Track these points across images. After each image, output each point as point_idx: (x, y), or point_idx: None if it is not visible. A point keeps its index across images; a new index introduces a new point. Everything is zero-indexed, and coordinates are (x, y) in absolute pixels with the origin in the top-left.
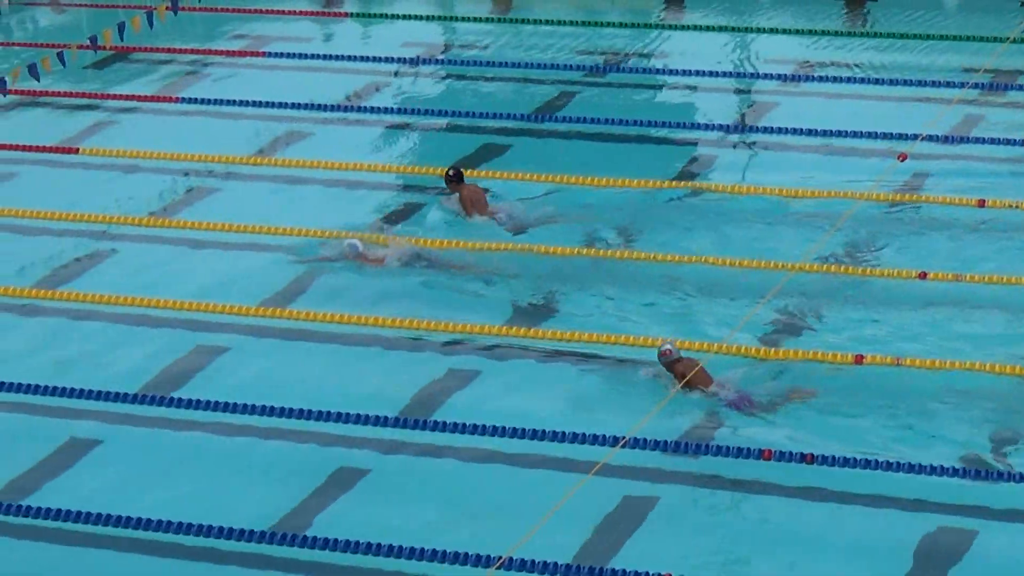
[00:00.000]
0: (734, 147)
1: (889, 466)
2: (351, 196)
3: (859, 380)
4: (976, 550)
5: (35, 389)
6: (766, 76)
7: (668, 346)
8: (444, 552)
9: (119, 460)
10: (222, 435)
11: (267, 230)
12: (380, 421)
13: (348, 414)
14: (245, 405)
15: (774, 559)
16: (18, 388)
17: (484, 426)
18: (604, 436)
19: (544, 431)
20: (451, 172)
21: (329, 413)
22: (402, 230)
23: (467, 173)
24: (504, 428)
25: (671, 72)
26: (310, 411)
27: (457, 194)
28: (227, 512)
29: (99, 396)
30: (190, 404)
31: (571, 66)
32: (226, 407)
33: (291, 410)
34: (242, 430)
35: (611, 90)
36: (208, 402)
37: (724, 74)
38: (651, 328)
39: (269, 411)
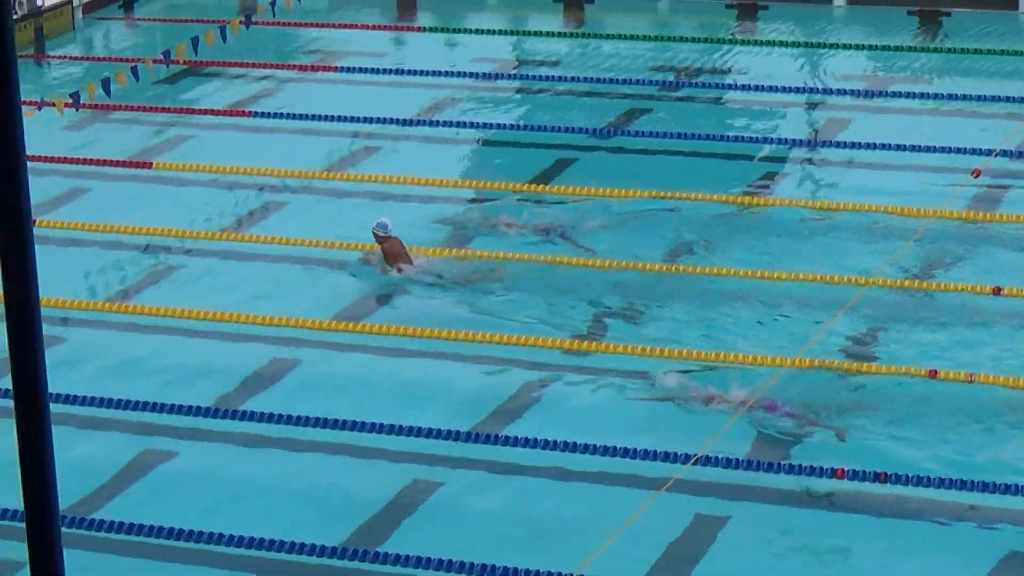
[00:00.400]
0: (806, 163)
1: (963, 485)
2: (422, 211)
3: (932, 395)
4: None
5: (108, 403)
6: (839, 91)
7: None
8: (515, 569)
9: (192, 474)
10: (294, 450)
11: (339, 245)
12: (451, 436)
13: (420, 428)
14: (317, 419)
15: None
16: (91, 401)
17: (554, 442)
18: (675, 453)
19: (615, 447)
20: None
21: (400, 427)
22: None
23: (539, 188)
24: (575, 444)
25: (743, 87)
26: (381, 425)
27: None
28: (299, 527)
29: (172, 410)
30: (262, 418)
31: (643, 81)
32: (298, 420)
33: (363, 424)
34: (314, 445)
35: (683, 105)
36: (280, 415)
37: (796, 89)
38: (721, 343)
39: (341, 425)
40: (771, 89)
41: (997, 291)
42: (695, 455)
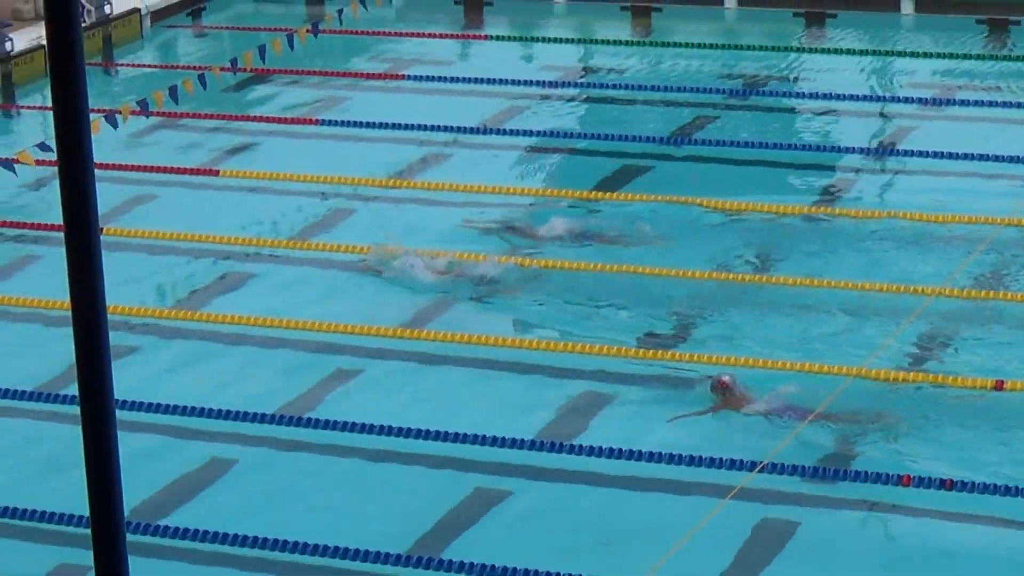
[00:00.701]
0: (874, 171)
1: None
2: (487, 217)
3: (999, 406)
4: None
5: (174, 409)
6: (907, 99)
7: (727, 378)
8: None
9: (255, 480)
10: (358, 457)
11: (404, 252)
12: (516, 444)
13: (484, 436)
14: (382, 426)
15: None
16: (157, 408)
17: (620, 450)
18: (741, 460)
19: (680, 455)
20: None
21: (466, 435)
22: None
23: (606, 196)
24: (640, 452)
25: (811, 95)
26: (447, 433)
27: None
28: (363, 534)
29: (236, 416)
30: (326, 425)
31: (710, 89)
32: (363, 428)
33: (428, 432)
34: (378, 453)
35: (751, 113)
36: (344, 423)
37: (864, 97)
38: (784, 352)
39: (406, 432)
40: (839, 97)
41: None
42: (761, 462)
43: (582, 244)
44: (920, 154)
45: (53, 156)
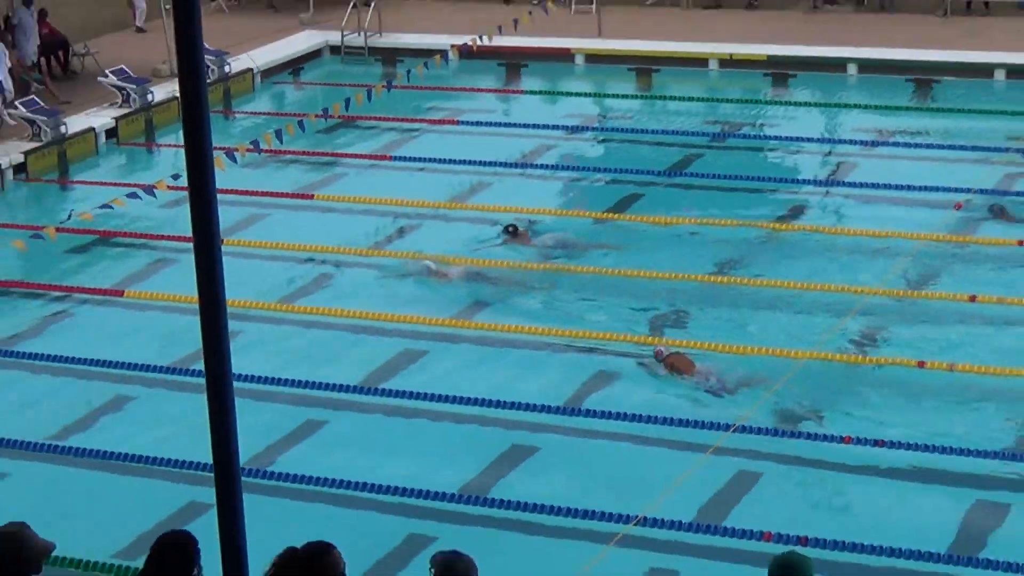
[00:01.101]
0: (824, 196)
1: (940, 450)
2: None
3: (920, 381)
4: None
5: (276, 380)
6: (850, 142)
7: (660, 348)
8: (593, 511)
9: (343, 438)
10: (424, 418)
11: (459, 260)
12: (546, 409)
13: (522, 403)
14: (443, 395)
15: (846, 526)
16: (263, 380)
17: (625, 414)
18: (719, 423)
19: (671, 418)
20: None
21: (507, 402)
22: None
23: (613, 216)
24: (639, 415)
25: (775, 138)
26: (490, 400)
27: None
28: (432, 478)
29: (327, 387)
30: (400, 394)
31: (697, 132)
32: (428, 396)
33: (480, 399)
34: (440, 415)
35: (728, 152)
36: (414, 392)
37: (817, 140)
38: (745, 338)
39: (463, 400)
40: (797, 139)
41: (972, 299)
42: (734, 424)
43: (591, 252)
44: (860, 184)
45: (184, 183)
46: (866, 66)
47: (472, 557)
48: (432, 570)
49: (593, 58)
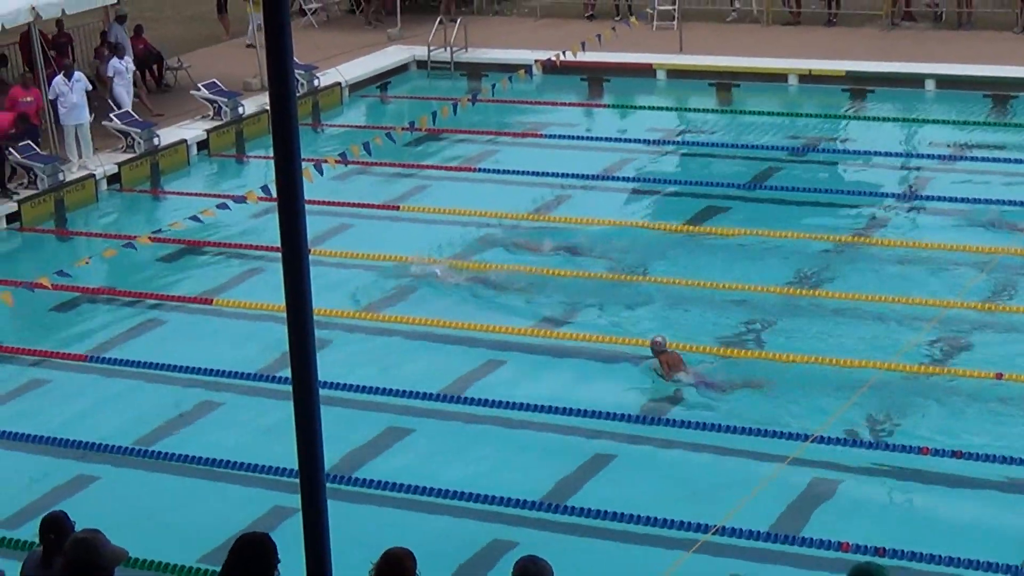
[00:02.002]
0: (900, 210)
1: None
2: (604, 245)
3: (999, 393)
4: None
5: (361, 388)
6: (928, 156)
7: (659, 338)
8: (671, 520)
9: (426, 445)
10: (505, 426)
11: (544, 271)
12: (627, 418)
13: (601, 412)
14: (523, 403)
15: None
16: (348, 387)
17: (704, 423)
18: (797, 433)
19: (749, 428)
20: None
21: (587, 411)
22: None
23: (692, 229)
24: (718, 425)
25: (854, 152)
26: (570, 408)
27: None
28: (508, 485)
29: (411, 395)
30: (483, 402)
31: (776, 147)
32: (508, 404)
33: (561, 408)
34: (521, 422)
35: (807, 166)
36: (496, 400)
37: (895, 154)
38: (825, 349)
39: (544, 408)
40: (875, 154)
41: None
42: (811, 435)
43: (670, 264)
44: (938, 199)
45: (274, 194)
46: (944, 81)
47: (548, 562)
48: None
49: (674, 73)
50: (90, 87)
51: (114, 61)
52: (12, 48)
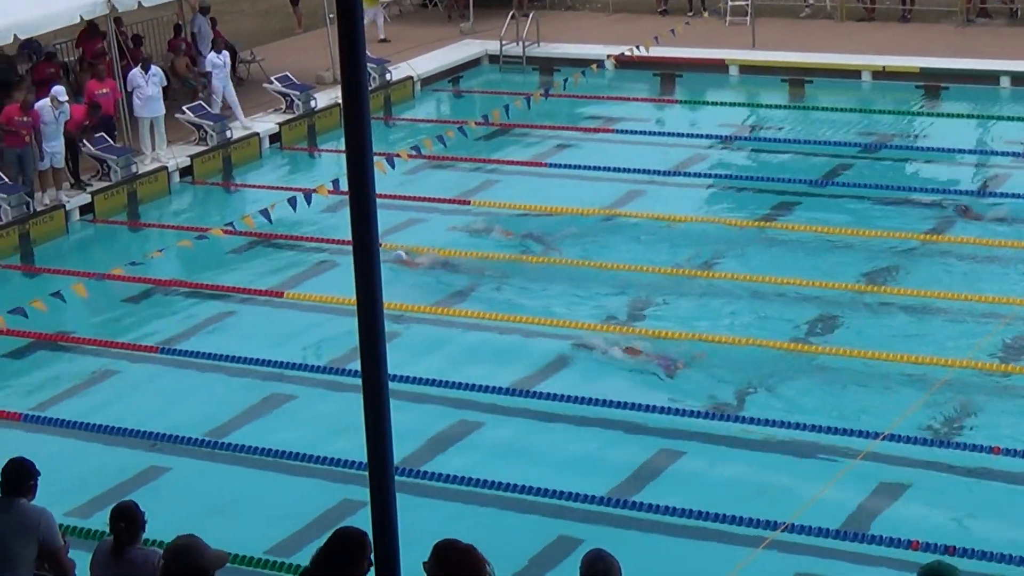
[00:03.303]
0: (974, 207)
1: None
2: (673, 239)
3: None
4: None
5: (430, 382)
6: (1001, 153)
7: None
8: (741, 517)
9: (495, 439)
10: (574, 422)
11: (611, 266)
12: (696, 414)
13: (671, 408)
14: (593, 399)
15: (994, 536)
16: (418, 380)
17: (774, 420)
18: (867, 431)
19: (820, 425)
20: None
21: (657, 407)
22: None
23: (764, 224)
24: (788, 422)
25: (928, 150)
26: (640, 404)
27: None
28: (575, 480)
29: (481, 389)
30: (552, 397)
31: (849, 143)
32: (578, 400)
33: (627, 403)
34: (590, 419)
35: (880, 163)
36: (566, 395)
37: (969, 152)
38: (898, 344)
39: (613, 404)
40: (949, 151)
41: None
42: (882, 433)
43: (741, 259)
44: (1012, 196)
45: (345, 188)
46: (1019, 79)
47: (615, 558)
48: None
49: (747, 69)
50: (166, 82)
51: (212, 55)
52: (65, 46)
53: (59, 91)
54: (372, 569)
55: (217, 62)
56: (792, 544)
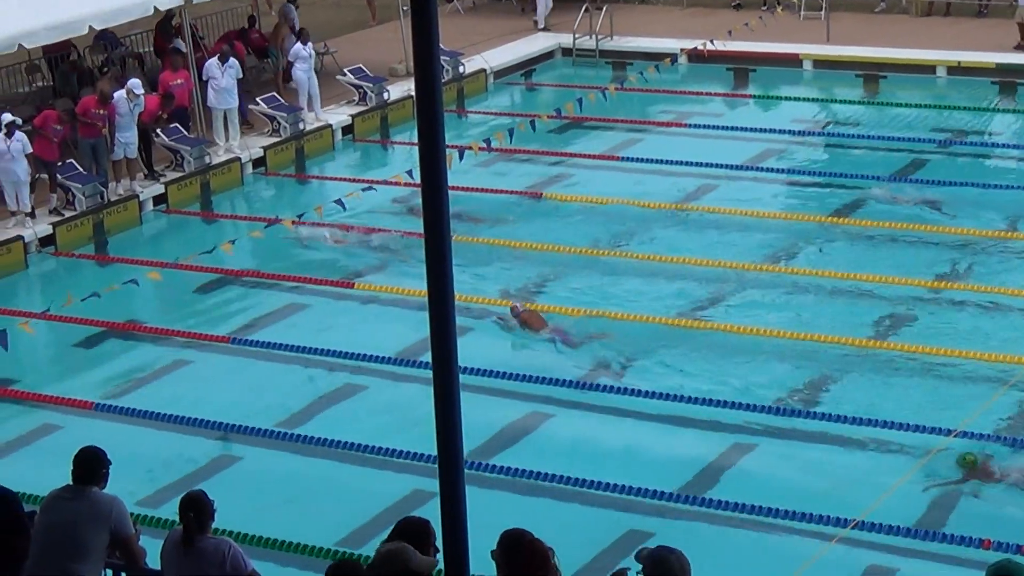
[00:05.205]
0: None
1: None
2: (751, 238)
3: None
4: None
5: (500, 375)
6: None
7: (516, 304)
8: (811, 513)
9: (565, 433)
10: (644, 417)
11: (684, 260)
12: (767, 410)
13: (741, 403)
14: (663, 393)
15: None
16: (488, 373)
17: (844, 416)
18: (939, 427)
19: (891, 421)
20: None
21: (728, 402)
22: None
23: (838, 220)
24: (859, 418)
25: (1003, 146)
26: (711, 399)
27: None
28: (645, 475)
29: (551, 382)
30: (622, 391)
31: (923, 139)
32: (648, 394)
33: (698, 398)
34: (660, 414)
35: (954, 159)
36: (636, 390)
37: None
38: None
39: (683, 398)
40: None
41: None
42: (954, 430)
43: (815, 255)
44: None
45: (418, 180)
46: None
47: (682, 552)
48: (641, 567)
49: (821, 63)
50: (241, 75)
51: (297, 46)
52: (140, 37)
53: (135, 84)
54: (439, 557)
55: (303, 54)
56: (861, 541)
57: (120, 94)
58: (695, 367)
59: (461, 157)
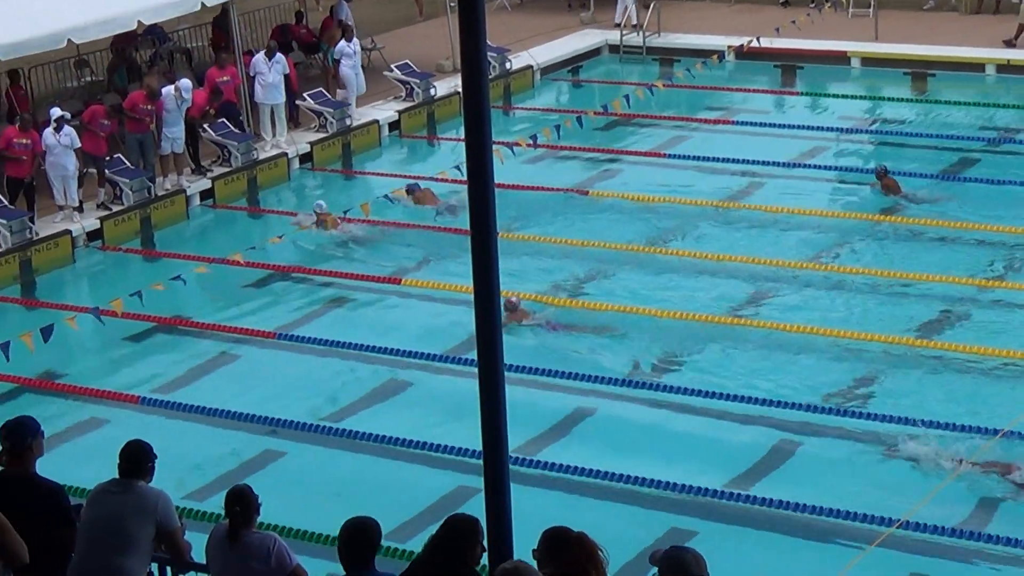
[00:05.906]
0: None
1: None
2: (796, 235)
3: None
4: None
5: (545, 372)
6: None
7: (513, 298)
8: (855, 513)
9: (609, 430)
10: (689, 414)
11: (727, 257)
12: (812, 409)
13: (784, 402)
14: (708, 391)
15: None
16: (533, 370)
17: (890, 416)
18: (985, 428)
19: (936, 421)
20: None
21: (771, 400)
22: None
23: (886, 219)
24: (904, 418)
25: None
26: (754, 398)
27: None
28: (688, 473)
29: (594, 379)
30: (667, 388)
31: (972, 137)
32: (693, 392)
33: (742, 396)
34: (705, 411)
35: (1004, 157)
36: (680, 387)
37: None
38: None
39: (728, 397)
40: None
41: None
42: (1001, 429)
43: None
44: None
45: (465, 176)
46: None
47: (696, 550)
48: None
49: (869, 61)
50: (287, 71)
51: (342, 44)
52: (188, 32)
53: (185, 85)
54: (485, 555)
55: (347, 51)
56: (906, 541)
57: (168, 90)
58: (741, 365)
59: (513, 153)
